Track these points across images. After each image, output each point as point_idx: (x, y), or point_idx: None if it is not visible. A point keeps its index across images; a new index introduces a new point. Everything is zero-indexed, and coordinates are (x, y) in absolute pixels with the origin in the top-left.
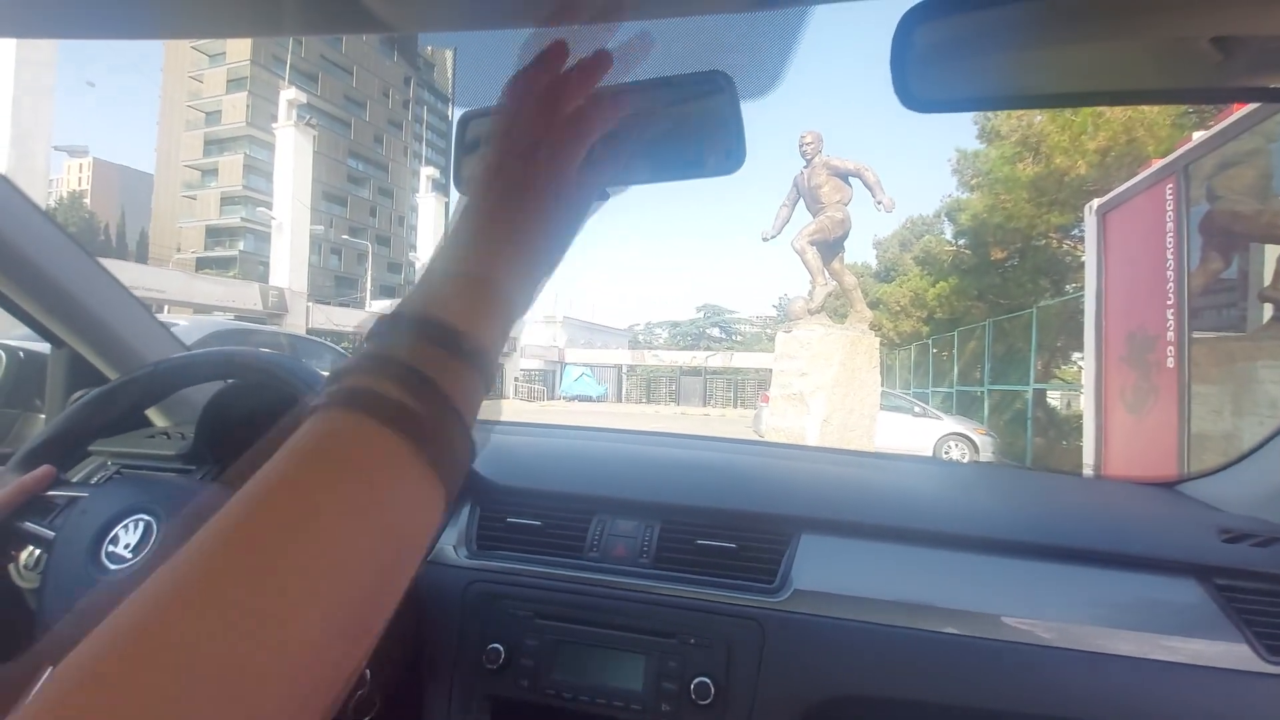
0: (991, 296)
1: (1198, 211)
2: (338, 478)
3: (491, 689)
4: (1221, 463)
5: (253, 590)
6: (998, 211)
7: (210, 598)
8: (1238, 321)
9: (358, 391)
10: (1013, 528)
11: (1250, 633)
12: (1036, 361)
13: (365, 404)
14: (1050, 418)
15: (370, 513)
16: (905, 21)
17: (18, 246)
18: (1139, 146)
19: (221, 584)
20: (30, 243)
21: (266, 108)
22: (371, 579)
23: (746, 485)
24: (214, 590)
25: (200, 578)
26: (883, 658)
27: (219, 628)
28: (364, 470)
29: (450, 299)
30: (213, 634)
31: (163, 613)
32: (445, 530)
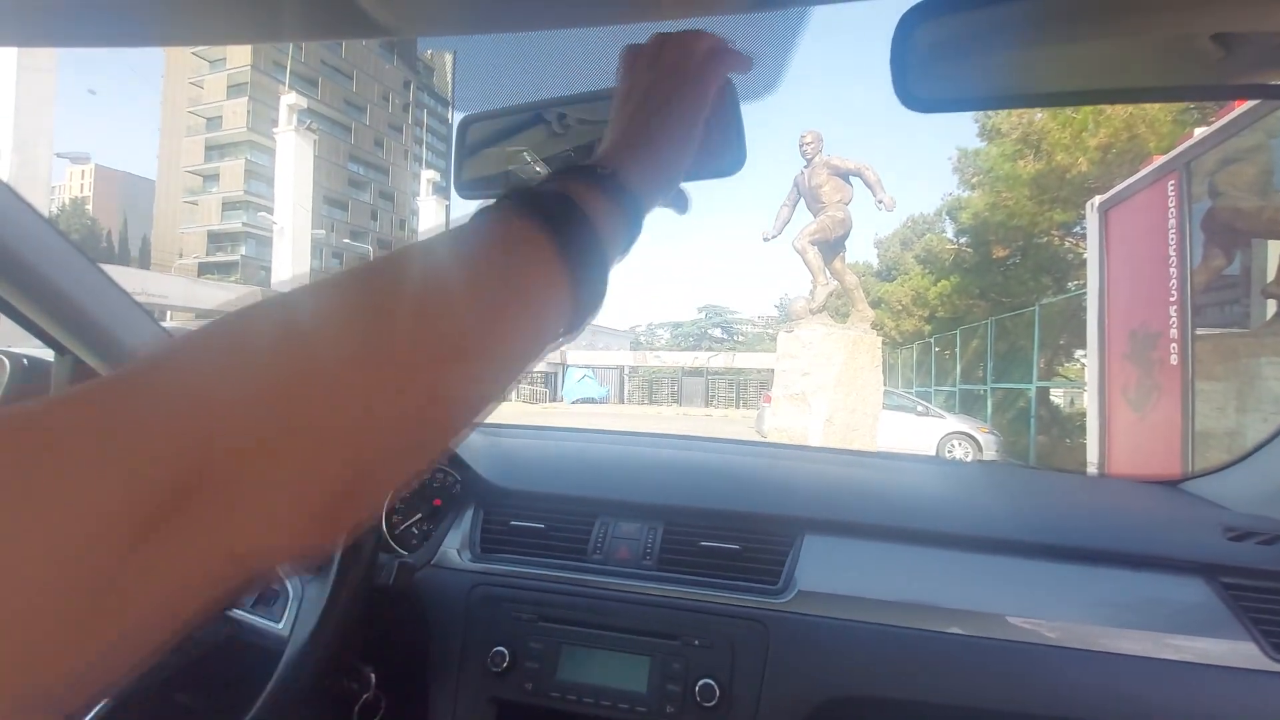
0: (993, 295)
1: (1200, 208)
2: (484, 256)
3: (496, 691)
4: (1226, 460)
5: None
6: (999, 209)
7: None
8: (1241, 318)
9: (511, 197)
10: (1017, 527)
11: (1257, 631)
12: (1039, 359)
13: (515, 206)
14: (1053, 416)
15: (505, 293)
16: (905, 21)
17: (20, 254)
18: (1140, 143)
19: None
20: (33, 250)
21: (267, 113)
22: (483, 348)
23: (749, 487)
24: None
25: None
26: (887, 658)
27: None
28: (504, 255)
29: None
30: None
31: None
32: (449, 533)
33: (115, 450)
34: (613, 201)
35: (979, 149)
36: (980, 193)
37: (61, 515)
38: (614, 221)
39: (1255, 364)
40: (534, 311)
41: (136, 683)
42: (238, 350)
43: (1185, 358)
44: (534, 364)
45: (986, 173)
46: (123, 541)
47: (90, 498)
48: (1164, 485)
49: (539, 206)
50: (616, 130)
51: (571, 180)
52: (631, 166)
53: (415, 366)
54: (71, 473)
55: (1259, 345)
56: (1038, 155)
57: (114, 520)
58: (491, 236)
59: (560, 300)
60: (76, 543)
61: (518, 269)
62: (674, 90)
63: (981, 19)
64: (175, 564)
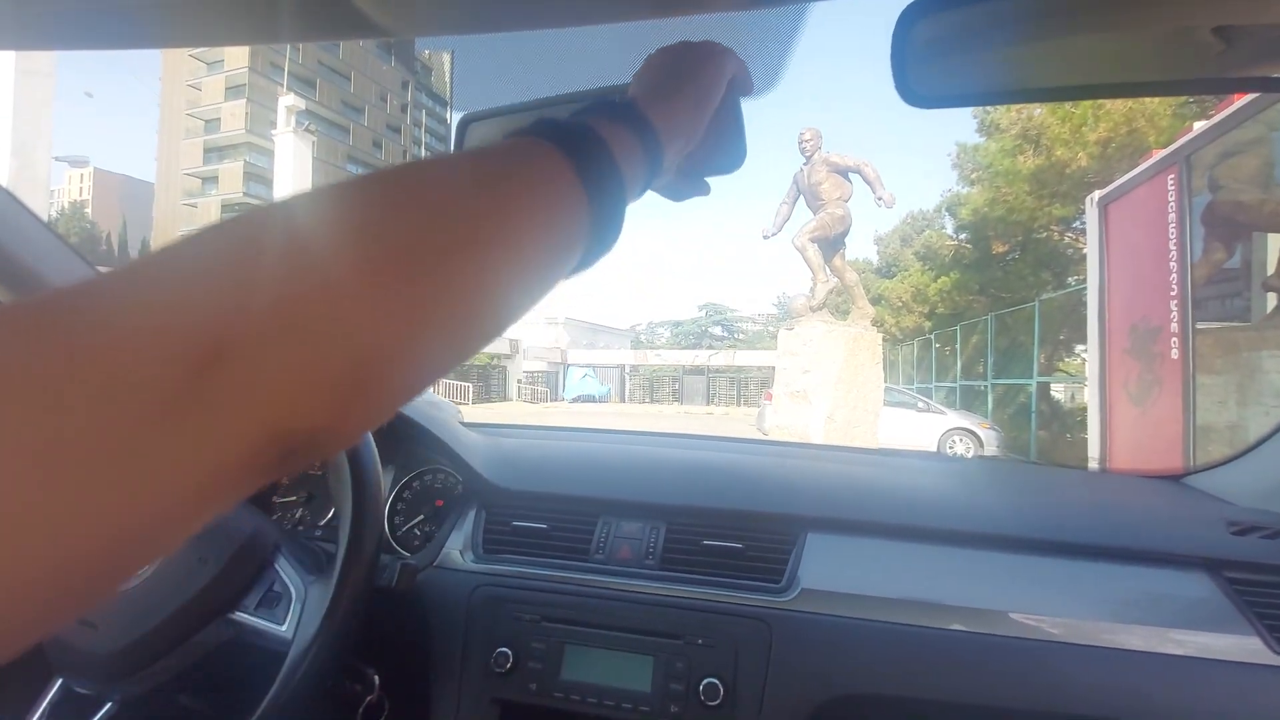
0: (993, 290)
1: (1200, 202)
2: (501, 165)
3: (499, 692)
4: (1228, 454)
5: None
6: (998, 205)
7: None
8: (1242, 311)
9: (532, 125)
10: (1019, 524)
11: (1261, 625)
12: (1039, 355)
13: (536, 130)
14: (1054, 411)
15: (521, 199)
16: (904, 17)
17: (19, 258)
18: (1140, 137)
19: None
20: (32, 254)
21: (265, 114)
22: (496, 245)
23: (751, 485)
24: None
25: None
26: (891, 656)
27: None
28: (522, 167)
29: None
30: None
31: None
32: (451, 534)
33: (140, 323)
34: (633, 135)
35: (978, 144)
36: (980, 188)
37: (87, 387)
38: (633, 156)
39: (1256, 357)
40: (548, 221)
41: (139, 685)
42: (252, 238)
43: (1186, 352)
44: (548, 288)
45: (986, 168)
46: (151, 411)
47: (115, 370)
48: (1166, 480)
49: (559, 131)
50: (641, 83)
51: (593, 113)
52: (655, 106)
53: (425, 253)
54: (97, 347)
55: (1260, 338)
56: (1037, 150)
57: (141, 390)
58: (511, 152)
59: (576, 220)
60: (104, 414)
61: (534, 181)
62: (699, 67)
63: (981, 14)
64: (199, 437)
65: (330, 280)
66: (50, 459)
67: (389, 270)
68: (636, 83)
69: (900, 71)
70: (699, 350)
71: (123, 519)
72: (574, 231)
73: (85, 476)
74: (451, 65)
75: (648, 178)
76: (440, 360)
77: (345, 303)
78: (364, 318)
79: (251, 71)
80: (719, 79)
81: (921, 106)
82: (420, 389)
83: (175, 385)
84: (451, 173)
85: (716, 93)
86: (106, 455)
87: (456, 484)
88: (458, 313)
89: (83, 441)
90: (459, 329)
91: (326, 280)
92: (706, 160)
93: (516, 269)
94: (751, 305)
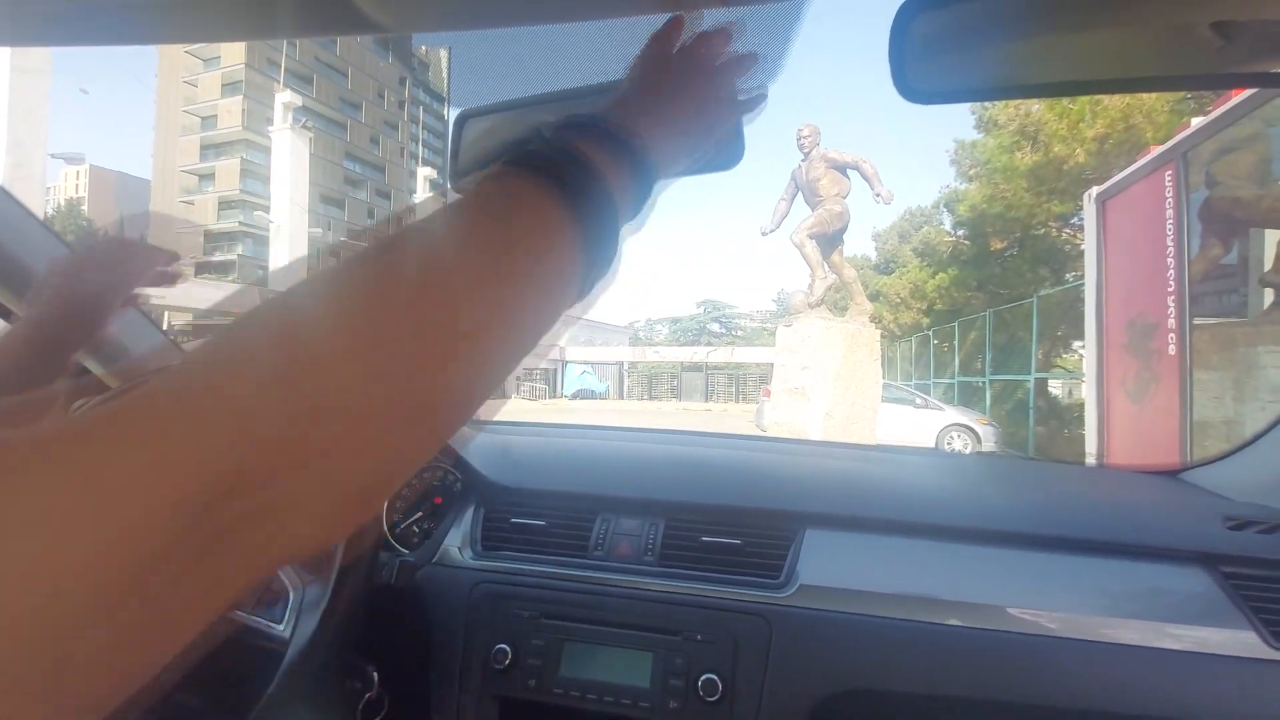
0: (991, 287)
1: (1197, 198)
2: (487, 214)
3: (499, 689)
4: (1225, 450)
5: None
6: (996, 201)
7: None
8: (1239, 307)
9: (520, 156)
10: (1017, 519)
11: (1257, 620)
12: (1037, 351)
13: (523, 161)
14: (1052, 407)
15: (515, 266)
16: (902, 12)
17: (16, 256)
18: (1137, 133)
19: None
20: (28, 252)
21: (262, 111)
22: (496, 325)
23: (750, 482)
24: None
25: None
26: (890, 651)
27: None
28: (513, 225)
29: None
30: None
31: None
32: (450, 531)
33: (171, 448)
34: (625, 162)
35: (976, 141)
36: (978, 185)
37: (115, 507)
38: (626, 183)
39: (1253, 353)
40: (546, 283)
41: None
42: (259, 355)
43: (1183, 348)
44: (546, 336)
45: (984, 165)
46: (172, 533)
47: (142, 492)
48: (1163, 475)
49: (549, 167)
50: (633, 89)
51: (582, 136)
52: (647, 126)
53: (427, 354)
54: (126, 467)
55: (1257, 334)
56: (1035, 147)
57: (165, 511)
58: (499, 205)
59: (572, 267)
60: (127, 534)
61: (527, 239)
62: (699, 69)
63: (979, 9)
64: (215, 561)
65: (339, 409)
66: (55, 602)
67: (394, 379)
68: (629, 85)
69: (898, 67)
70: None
71: (127, 663)
72: (572, 284)
73: (88, 617)
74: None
75: (639, 208)
76: (450, 433)
77: (357, 429)
78: (375, 438)
79: (248, 68)
80: (717, 88)
81: (920, 102)
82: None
83: (191, 512)
84: (445, 254)
85: (714, 106)
86: (112, 599)
87: (455, 481)
88: (464, 393)
89: (87, 583)
90: (465, 406)
91: (336, 410)
92: (703, 159)
93: (518, 341)
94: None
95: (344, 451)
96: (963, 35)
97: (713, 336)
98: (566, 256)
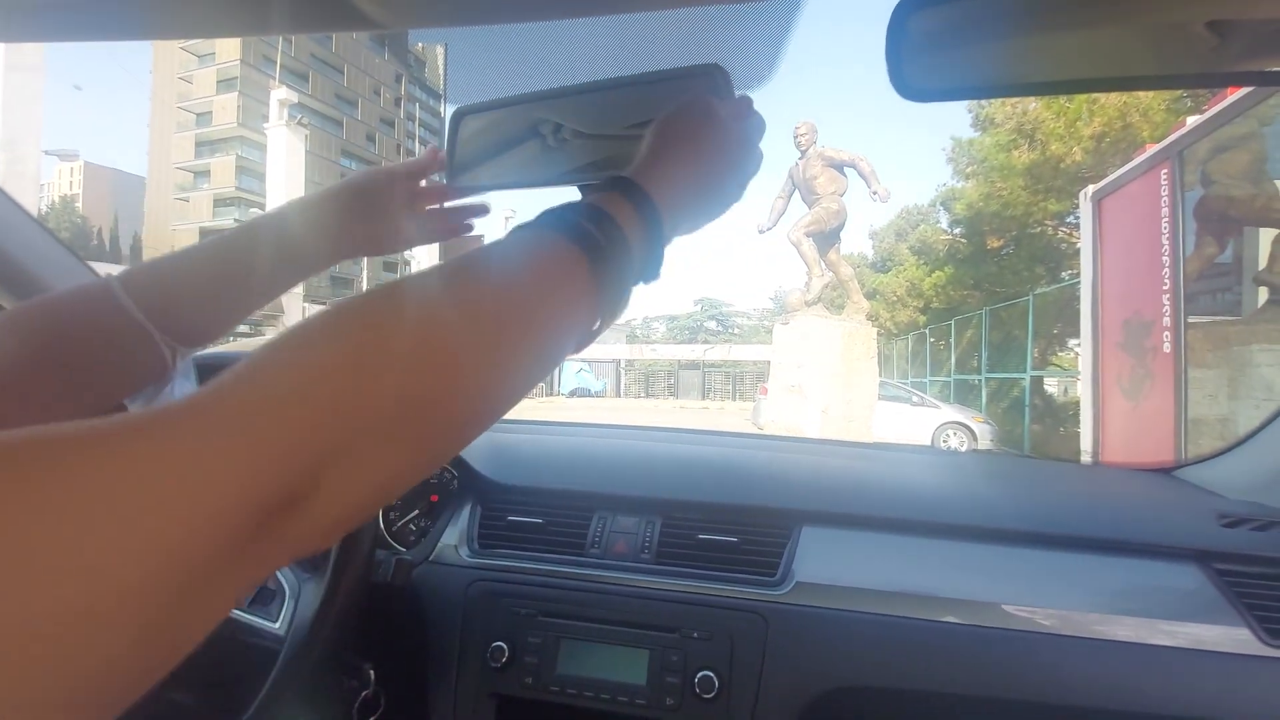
0: (988, 285)
1: (1192, 196)
2: (521, 279)
3: (495, 687)
4: (1219, 448)
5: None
6: (993, 200)
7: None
8: (1233, 306)
9: (548, 214)
10: (1012, 516)
11: (1251, 616)
12: (1033, 349)
13: (550, 221)
14: (1048, 405)
15: (538, 316)
16: (899, 10)
17: (9, 253)
18: (1133, 132)
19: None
20: (22, 249)
21: (257, 108)
22: (512, 361)
23: (747, 479)
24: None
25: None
26: (885, 648)
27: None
28: (541, 277)
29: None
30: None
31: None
32: (447, 529)
33: (236, 460)
34: (647, 225)
35: (973, 139)
36: (974, 183)
37: (173, 517)
38: (644, 244)
39: (1247, 351)
40: (565, 326)
41: None
42: (317, 369)
43: (1178, 346)
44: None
45: (981, 163)
46: (219, 544)
47: (198, 501)
48: (1158, 473)
49: (580, 228)
50: (657, 155)
51: (615, 197)
52: (669, 195)
53: (463, 376)
54: (190, 478)
55: (1250, 332)
56: (1032, 145)
57: (231, 511)
58: (531, 257)
59: (584, 320)
60: (180, 542)
61: (552, 291)
62: (734, 143)
63: (975, 7)
64: (249, 568)
65: (383, 425)
66: (82, 621)
67: (432, 404)
68: (656, 151)
69: (895, 65)
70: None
71: (148, 665)
72: (588, 325)
73: (124, 623)
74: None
75: (652, 262)
76: (461, 446)
77: (393, 444)
78: (407, 452)
79: (243, 64)
80: (737, 159)
81: (916, 100)
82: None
83: (256, 522)
84: (478, 295)
85: (731, 174)
86: (150, 603)
87: (452, 479)
88: (483, 417)
89: (128, 587)
90: (473, 429)
91: (381, 426)
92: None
93: (538, 364)
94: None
95: (381, 467)
96: (959, 33)
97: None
98: (585, 311)
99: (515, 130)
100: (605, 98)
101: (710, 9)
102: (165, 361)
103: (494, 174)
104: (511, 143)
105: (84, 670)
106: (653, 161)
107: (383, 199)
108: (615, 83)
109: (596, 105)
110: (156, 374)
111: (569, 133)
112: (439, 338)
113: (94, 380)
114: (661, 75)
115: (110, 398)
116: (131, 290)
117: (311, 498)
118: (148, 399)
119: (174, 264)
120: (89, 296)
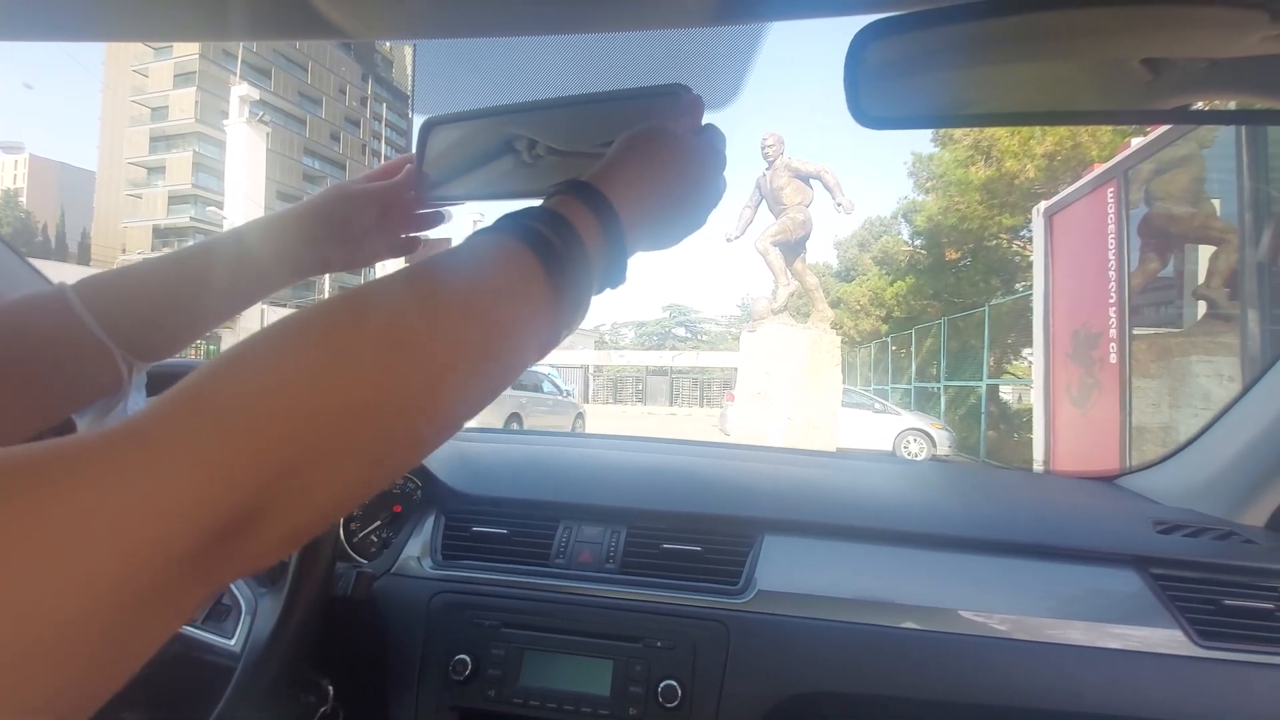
0: (946, 295)
1: (1137, 214)
2: (478, 285)
3: (458, 700)
4: (1158, 456)
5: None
6: (952, 213)
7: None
8: (1175, 318)
9: (505, 219)
10: (967, 524)
11: (1184, 619)
12: (989, 358)
13: (506, 225)
14: (1003, 412)
15: (495, 323)
16: (855, 43)
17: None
18: (1083, 151)
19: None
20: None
21: (217, 104)
22: (470, 371)
23: (711, 489)
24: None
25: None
26: (845, 654)
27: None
28: (499, 282)
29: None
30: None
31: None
32: (410, 540)
33: (183, 478)
34: (607, 233)
35: (933, 154)
36: (934, 197)
37: (125, 532)
38: (604, 252)
39: (1187, 362)
40: (522, 336)
41: None
42: (269, 387)
43: (1124, 356)
44: (511, 382)
45: (940, 178)
46: (182, 562)
47: (152, 523)
48: (1101, 481)
49: (537, 233)
50: (617, 161)
51: (570, 201)
52: (628, 199)
53: (420, 385)
54: (139, 497)
55: (1190, 344)
56: (988, 161)
57: (177, 537)
58: (487, 263)
59: (545, 326)
60: (136, 561)
61: (510, 297)
62: (694, 166)
63: (928, 39)
64: (204, 582)
65: (337, 447)
66: (20, 661)
67: (390, 414)
68: (620, 160)
69: (853, 94)
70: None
71: (99, 683)
72: (544, 340)
73: (75, 641)
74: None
75: (614, 271)
76: (421, 456)
77: (350, 461)
78: (365, 466)
79: (203, 59)
80: (705, 183)
81: (872, 127)
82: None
83: (202, 543)
84: (432, 301)
85: (697, 192)
86: (104, 622)
87: (415, 489)
88: (443, 426)
89: (79, 608)
90: (433, 440)
91: (336, 447)
92: (673, 236)
93: (500, 372)
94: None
95: (336, 482)
96: (913, 65)
97: (678, 341)
98: (541, 321)
99: (489, 145)
100: (576, 114)
101: (679, 32)
102: (120, 375)
103: (468, 187)
104: (486, 157)
105: (26, 704)
106: (612, 167)
107: (349, 223)
108: (586, 99)
109: (567, 121)
110: (111, 388)
111: (543, 149)
112: (394, 348)
113: (46, 392)
114: (632, 93)
115: (62, 411)
116: (87, 301)
117: (263, 516)
118: (101, 412)
119: (131, 276)
120: (43, 306)
